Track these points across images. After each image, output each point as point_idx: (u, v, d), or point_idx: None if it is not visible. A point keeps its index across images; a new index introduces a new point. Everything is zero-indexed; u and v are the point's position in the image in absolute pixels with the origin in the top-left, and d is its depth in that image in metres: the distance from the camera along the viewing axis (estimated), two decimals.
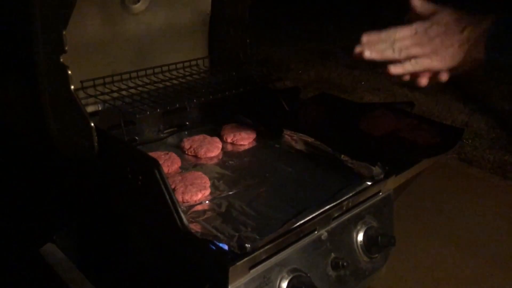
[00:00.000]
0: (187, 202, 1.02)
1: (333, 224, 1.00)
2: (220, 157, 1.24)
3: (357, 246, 1.05)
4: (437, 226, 1.64)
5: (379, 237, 1.04)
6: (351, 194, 1.02)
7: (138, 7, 1.25)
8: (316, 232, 0.96)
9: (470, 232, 1.62)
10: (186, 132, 1.36)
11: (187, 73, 1.37)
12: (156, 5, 1.28)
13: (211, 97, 1.31)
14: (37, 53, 0.98)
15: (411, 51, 0.83)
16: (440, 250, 1.53)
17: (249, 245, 0.81)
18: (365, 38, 0.84)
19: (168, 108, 1.17)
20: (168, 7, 1.33)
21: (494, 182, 2.00)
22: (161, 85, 1.28)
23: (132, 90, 1.22)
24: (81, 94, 1.14)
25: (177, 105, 1.19)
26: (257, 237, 0.88)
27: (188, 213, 0.98)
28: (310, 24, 4.25)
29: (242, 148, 1.30)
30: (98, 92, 1.18)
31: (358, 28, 0.88)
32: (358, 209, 1.06)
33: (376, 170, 1.10)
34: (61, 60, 0.92)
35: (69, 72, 0.93)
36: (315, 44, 3.74)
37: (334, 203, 0.98)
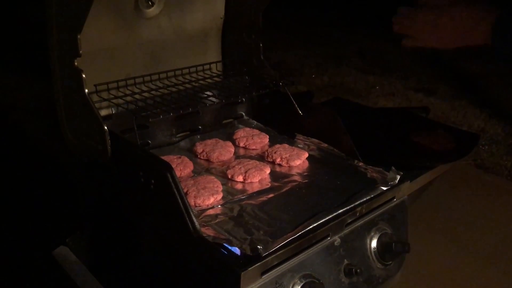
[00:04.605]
0: (199, 206, 1.02)
1: (347, 230, 0.99)
2: (232, 161, 1.24)
3: (371, 252, 1.03)
4: (453, 233, 1.61)
5: (393, 244, 1.03)
6: (364, 200, 1.00)
7: (152, 11, 1.25)
8: (329, 238, 0.95)
9: (487, 240, 1.59)
10: (198, 136, 1.36)
11: (200, 77, 1.38)
12: (170, 10, 1.29)
13: (223, 101, 1.31)
14: (52, 57, 0.99)
15: None
16: (456, 257, 1.50)
17: (261, 247, 0.81)
18: None
19: (181, 112, 1.17)
20: (182, 12, 1.33)
21: (511, 189, 1.96)
22: (174, 89, 1.28)
23: (146, 94, 1.22)
24: (95, 97, 1.15)
25: (190, 109, 1.19)
26: (270, 239, 0.87)
27: (200, 217, 0.97)
28: (324, 28, 4.24)
29: (255, 153, 1.29)
30: (111, 96, 1.18)
31: (372, 33, 0.87)
32: (372, 215, 1.04)
33: (391, 175, 1.09)
34: (76, 64, 0.93)
35: (83, 75, 0.93)
36: (329, 48, 3.72)
37: (347, 208, 0.97)
